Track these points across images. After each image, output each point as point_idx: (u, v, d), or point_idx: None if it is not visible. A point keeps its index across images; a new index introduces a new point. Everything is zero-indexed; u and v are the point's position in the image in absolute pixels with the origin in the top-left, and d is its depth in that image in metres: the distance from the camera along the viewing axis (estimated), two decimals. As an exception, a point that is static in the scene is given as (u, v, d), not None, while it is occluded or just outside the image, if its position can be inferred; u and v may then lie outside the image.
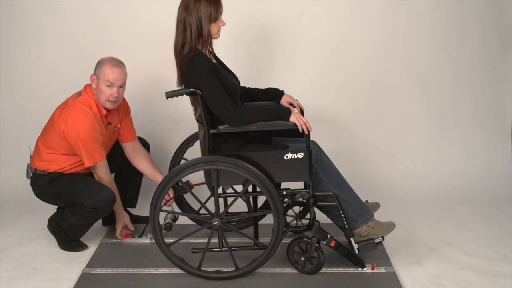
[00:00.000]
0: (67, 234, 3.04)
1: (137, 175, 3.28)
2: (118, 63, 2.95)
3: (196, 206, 3.22)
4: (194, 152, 3.11)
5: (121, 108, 3.14)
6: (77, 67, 3.80)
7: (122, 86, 2.97)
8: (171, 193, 3.08)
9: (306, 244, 2.68)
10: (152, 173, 3.18)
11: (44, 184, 3.02)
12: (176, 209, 3.25)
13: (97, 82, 2.93)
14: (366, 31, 3.95)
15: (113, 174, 3.21)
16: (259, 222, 2.93)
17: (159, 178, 3.11)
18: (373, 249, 2.70)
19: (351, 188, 2.77)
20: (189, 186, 2.83)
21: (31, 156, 3.11)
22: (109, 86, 2.92)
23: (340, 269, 2.74)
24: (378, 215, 2.85)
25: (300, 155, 2.58)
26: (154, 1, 3.86)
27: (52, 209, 3.12)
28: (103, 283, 2.67)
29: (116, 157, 3.17)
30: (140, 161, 3.20)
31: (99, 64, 2.95)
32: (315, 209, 2.71)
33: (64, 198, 2.98)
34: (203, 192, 3.00)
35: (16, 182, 3.71)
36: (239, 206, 3.05)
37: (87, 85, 3.01)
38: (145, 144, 3.34)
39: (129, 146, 3.20)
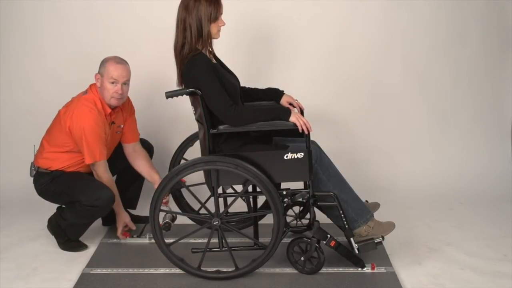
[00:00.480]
0: (66, 234, 3.04)
1: (139, 177, 3.28)
2: (121, 61, 3.00)
3: (196, 206, 3.22)
4: (194, 152, 3.11)
5: (126, 108, 3.15)
6: (77, 67, 3.81)
7: (126, 84, 3.00)
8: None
9: (306, 244, 2.68)
10: (148, 172, 3.17)
11: (46, 182, 3.03)
12: (176, 209, 3.25)
13: (101, 80, 2.96)
14: (366, 31, 3.95)
15: (115, 175, 3.22)
16: (259, 222, 2.93)
17: (155, 177, 3.12)
18: (373, 249, 2.70)
19: (351, 188, 2.77)
20: (181, 182, 2.79)
21: (35, 155, 3.12)
22: (113, 83, 2.94)
23: (340, 269, 2.74)
24: (378, 215, 2.84)
25: (300, 155, 2.58)
26: (154, 1, 3.85)
27: (52, 209, 3.12)
28: (103, 283, 2.66)
29: (119, 158, 3.18)
30: (139, 162, 3.20)
31: (103, 62, 2.99)
32: (315, 209, 2.71)
33: (64, 196, 2.98)
34: (203, 192, 3.00)
35: (16, 182, 3.72)
36: (239, 206, 3.05)
37: (92, 84, 3.04)
38: (149, 146, 3.34)
39: (129, 147, 3.20)
